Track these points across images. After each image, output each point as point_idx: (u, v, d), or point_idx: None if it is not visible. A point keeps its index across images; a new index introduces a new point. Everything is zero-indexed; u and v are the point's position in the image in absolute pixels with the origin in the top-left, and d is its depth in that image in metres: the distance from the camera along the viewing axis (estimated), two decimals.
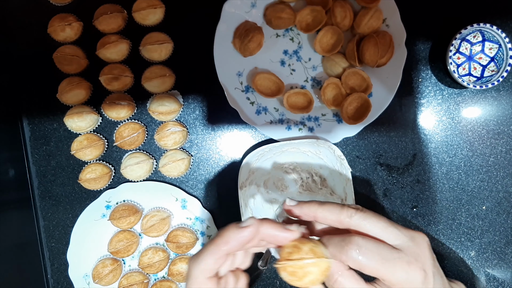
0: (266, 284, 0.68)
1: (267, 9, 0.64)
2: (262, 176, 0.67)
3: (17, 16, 0.65)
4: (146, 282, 0.65)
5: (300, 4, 0.65)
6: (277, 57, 0.66)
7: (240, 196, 0.63)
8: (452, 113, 0.68)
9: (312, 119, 0.66)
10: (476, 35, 0.65)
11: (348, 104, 0.63)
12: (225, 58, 0.64)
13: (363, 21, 0.62)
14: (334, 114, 0.66)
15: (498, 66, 0.64)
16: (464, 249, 0.68)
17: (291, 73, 0.66)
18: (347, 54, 0.64)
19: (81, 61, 0.63)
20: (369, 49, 0.61)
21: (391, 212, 0.68)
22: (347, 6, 0.62)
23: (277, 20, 0.62)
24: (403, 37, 0.63)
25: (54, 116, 0.66)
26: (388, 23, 0.64)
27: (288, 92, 0.63)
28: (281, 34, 0.66)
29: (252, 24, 0.63)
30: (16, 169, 0.66)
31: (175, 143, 0.64)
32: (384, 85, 0.65)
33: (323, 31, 0.63)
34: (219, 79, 0.63)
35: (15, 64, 0.66)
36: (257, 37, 0.61)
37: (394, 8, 0.63)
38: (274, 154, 0.65)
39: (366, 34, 0.63)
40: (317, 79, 0.67)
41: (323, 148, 0.63)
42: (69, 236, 0.66)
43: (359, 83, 0.64)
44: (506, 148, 0.68)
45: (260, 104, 0.66)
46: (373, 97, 0.65)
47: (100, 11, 0.62)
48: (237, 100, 0.64)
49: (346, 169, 0.63)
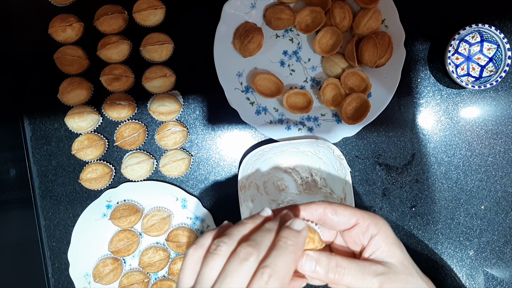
0: None
1: (266, 10, 0.64)
2: (261, 176, 0.67)
3: (18, 17, 0.65)
4: (146, 281, 0.66)
5: (300, 5, 0.65)
6: (276, 57, 0.67)
7: (240, 196, 0.63)
8: (450, 113, 0.68)
9: (311, 119, 0.66)
10: (474, 36, 0.65)
11: (347, 104, 0.64)
12: (225, 59, 0.64)
13: (362, 22, 0.62)
14: (334, 114, 0.67)
15: (497, 67, 0.64)
16: (462, 249, 0.68)
17: (291, 73, 0.67)
18: (346, 54, 0.64)
19: (82, 61, 0.63)
20: (368, 49, 0.62)
21: (390, 212, 0.68)
22: (346, 7, 0.63)
23: (277, 21, 0.63)
24: (402, 37, 0.63)
25: (55, 116, 0.66)
26: (387, 24, 0.64)
27: (288, 93, 0.64)
28: (281, 34, 0.66)
29: (252, 25, 0.63)
30: (17, 169, 0.66)
31: (176, 143, 0.65)
32: (383, 85, 0.65)
33: (323, 31, 0.63)
34: (219, 79, 0.64)
35: (16, 65, 0.66)
36: (257, 37, 0.62)
37: (393, 8, 0.63)
38: (274, 154, 0.66)
39: (365, 35, 0.63)
40: (316, 80, 0.67)
41: (322, 148, 0.64)
42: (69, 236, 0.66)
43: (358, 83, 0.64)
44: (504, 148, 0.68)
45: (260, 104, 0.66)
46: (372, 97, 0.65)
47: (101, 12, 0.63)
48: (237, 100, 0.65)
49: (345, 169, 0.63)
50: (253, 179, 0.66)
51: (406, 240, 0.68)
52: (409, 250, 0.69)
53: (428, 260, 0.68)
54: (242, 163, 0.62)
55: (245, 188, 0.64)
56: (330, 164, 0.65)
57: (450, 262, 0.68)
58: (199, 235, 0.67)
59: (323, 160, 0.66)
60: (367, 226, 0.38)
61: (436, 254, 0.68)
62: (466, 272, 0.69)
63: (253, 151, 0.62)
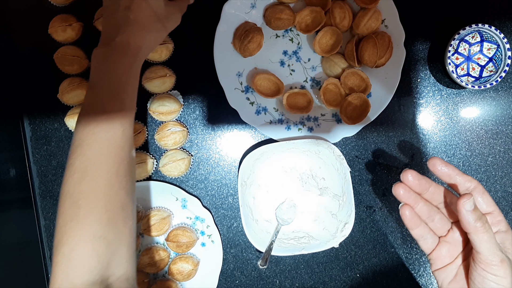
0: (265, 284, 0.68)
1: (266, 10, 0.64)
2: (262, 175, 0.67)
3: (18, 17, 0.65)
4: (146, 281, 0.66)
5: (300, 5, 0.65)
6: (276, 57, 0.67)
7: (241, 196, 0.63)
8: (450, 113, 0.68)
9: (311, 119, 0.66)
10: (474, 36, 0.65)
11: (347, 104, 0.64)
12: (225, 59, 0.64)
13: (362, 22, 0.62)
14: (333, 114, 0.67)
15: (497, 67, 0.64)
16: None
17: (291, 73, 0.67)
18: (346, 54, 0.64)
19: (82, 61, 0.63)
20: (368, 49, 0.62)
21: (390, 212, 0.68)
22: (346, 7, 0.63)
23: (277, 21, 0.63)
24: (402, 37, 0.63)
25: (55, 116, 0.66)
26: (387, 24, 0.64)
27: (288, 92, 0.64)
28: (281, 34, 0.66)
29: (252, 24, 0.63)
30: (17, 169, 0.66)
31: (175, 143, 0.65)
32: (383, 86, 0.65)
33: (323, 31, 0.63)
34: (219, 79, 0.64)
35: (16, 65, 0.66)
36: (256, 37, 0.62)
37: (393, 9, 0.63)
38: (274, 154, 0.66)
39: (365, 35, 0.63)
40: (316, 80, 0.67)
41: (322, 147, 0.64)
42: None
43: (358, 83, 0.64)
44: (504, 148, 0.68)
45: (260, 104, 0.66)
46: (372, 97, 0.65)
47: (101, 12, 0.63)
48: (237, 100, 0.65)
49: (345, 168, 0.63)
50: (254, 179, 0.66)
51: (406, 240, 0.68)
52: (409, 250, 0.69)
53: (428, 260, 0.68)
54: (243, 163, 0.62)
55: (245, 187, 0.64)
56: (330, 163, 0.65)
57: None
58: (199, 235, 0.67)
59: (323, 160, 0.66)
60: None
61: None
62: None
63: (254, 150, 0.62)
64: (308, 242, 0.65)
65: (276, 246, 0.64)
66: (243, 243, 0.68)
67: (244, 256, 0.68)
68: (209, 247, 0.67)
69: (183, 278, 0.65)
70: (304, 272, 0.68)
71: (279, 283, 0.68)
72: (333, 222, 0.65)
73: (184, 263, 0.65)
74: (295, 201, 0.67)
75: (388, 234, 0.68)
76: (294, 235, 0.66)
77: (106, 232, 0.44)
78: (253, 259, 0.68)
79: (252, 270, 0.68)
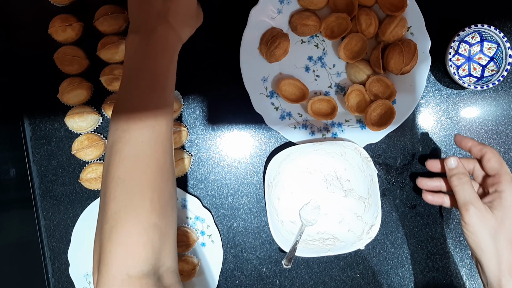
0: (265, 284, 0.68)
1: (292, 16, 0.64)
2: (287, 177, 0.67)
3: (18, 17, 0.65)
4: None
5: (325, 11, 0.64)
6: (301, 63, 0.66)
7: (267, 196, 0.63)
8: (450, 113, 0.68)
9: (335, 125, 0.66)
10: (474, 36, 0.65)
11: (372, 111, 0.63)
12: (251, 64, 0.64)
13: (388, 29, 0.62)
14: (358, 120, 0.66)
15: (498, 66, 0.64)
16: (463, 248, 0.68)
17: (315, 79, 0.67)
18: (372, 61, 0.64)
19: (82, 61, 0.63)
20: (394, 57, 0.61)
21: (390, 212, 0.68)
22: (372, 14, 0.62)
23: (303, 27, 0.62)
24: (428, 45, 0.63)
25: (55, 116, 0.66)
26: (412, 31, 0.63)
27: (312, 99, 0.63)
28: (306, 40, 0.66)
29: (278, 30, 0.63)
30: (17, 169, 0.66)
31: (176, 142, 0.65)
32: (408, 92, 0.65)
33: (348, 38, 0.63)
34: (245, 84, 0.63)
35: (16, 65, 0.66)
36: (283, 43, 0.61)
37: (419, 16, 0.63)
38: (300, 156, 0.66)
39: (391, 42, 0.63)
40: (341, 86, 0.67)
41: (349, 149, 0.64)
42: (70, 236, 0.66)
43: (383, 90, 0.64)
44: (504, 148, 0.68)
45: (284, 109, 0.66)
46: (396, 104, 0.65)
47: (101, 12, 0.63)
48: (261, 105, 0.65)
49: (372, 170, 0.63)
50: (279, 179, 0.66)
51: (406, 240, 0.68)
52: (409, 250, 0.69)
53: (428, 260, 0.68)
54: (269, 164, 0.62)
55: (271, 188, 0.64)
56: (356, 165, 0.65)
57: (450, 262, 0.68)
58: (199, 234, 0.67)
59: (349, 162, 0.66)
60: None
61: (436, 254, 0.68)
62: (466, 272, 0.69)
63: (280, 152, 0.62)
64: (334, 244, 0.65)
65: (301, 247, 0.63)
66: (243, 243, 0.68)
67: (244, 256, 0.68)
68: (209, 247, 0.67)
69: (183, 278, 0.65)
70: (304, 272, 0.68)
71: (279, 283, 0.68)
72: (359, 224, 0.65)
73: (184, 263, 0.65)
74: (319, 203, 0.67)
75: (388, 234, 0.68)
76: (319, 236, 0.66)
77: (159, 222, 0.44)
78: (253, 259, 0.68)
79: (252, 270, 0.68)
